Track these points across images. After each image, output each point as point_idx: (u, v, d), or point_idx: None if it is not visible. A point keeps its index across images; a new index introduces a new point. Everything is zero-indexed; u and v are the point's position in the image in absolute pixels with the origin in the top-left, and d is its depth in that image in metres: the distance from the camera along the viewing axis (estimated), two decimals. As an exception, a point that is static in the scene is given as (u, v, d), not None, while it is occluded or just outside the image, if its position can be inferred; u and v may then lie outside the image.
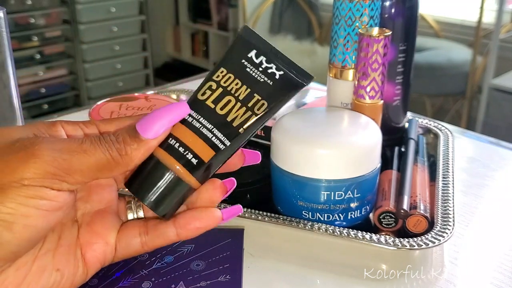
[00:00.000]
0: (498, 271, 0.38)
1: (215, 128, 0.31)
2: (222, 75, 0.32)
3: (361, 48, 0.42)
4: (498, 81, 1.63)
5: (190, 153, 0.31)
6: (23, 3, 1.97)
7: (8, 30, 0.42)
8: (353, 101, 0.45)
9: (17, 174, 0.26)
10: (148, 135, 0.29)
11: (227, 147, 0.31)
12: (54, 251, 0.30)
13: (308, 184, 0.40)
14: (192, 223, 0.32)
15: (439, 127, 0.57)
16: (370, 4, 0.44)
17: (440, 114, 1.96)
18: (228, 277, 0.35)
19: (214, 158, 0.31)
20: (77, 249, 0.31)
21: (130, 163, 0.29)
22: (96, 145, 0.28)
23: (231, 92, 0.32)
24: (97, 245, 0.32)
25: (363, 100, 0.44)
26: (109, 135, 0.29)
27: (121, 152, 0.29)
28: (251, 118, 0.32)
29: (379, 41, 0.42)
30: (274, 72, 0.32)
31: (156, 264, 0.36)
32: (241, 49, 0.33)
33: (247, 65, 0.32)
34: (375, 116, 0.44)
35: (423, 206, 0.41)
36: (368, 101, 0.44)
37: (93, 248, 0.31)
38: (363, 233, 0.39)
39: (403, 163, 0.47)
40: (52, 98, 2.13)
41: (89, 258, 0.31)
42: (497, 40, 1.60)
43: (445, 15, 2.11)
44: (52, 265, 0.30)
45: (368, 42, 0.42)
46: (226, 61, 0.33)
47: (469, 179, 0.51)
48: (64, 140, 0.28)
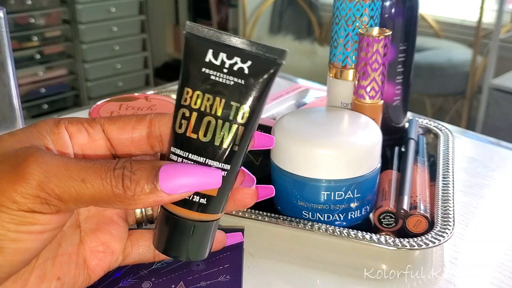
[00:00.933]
0: (498, 271, 0.38)
1: (208, 159, 0.28)
2: (189, 96, 0.28)
3: (361, 48, 0.42)
4: (498, 81, 1.63)
5: (197, 196, 0.28)
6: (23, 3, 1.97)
7: (8, 30, 0.42)
8: (353, 101, 0.45)
9: (6, 197, 0.24)
10: (165, 187, 0.26)
11: (229, 171, 0.29)
12: (53, 260, 0.29)
13: (308, 184, 0.40)
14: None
15: (439, 127, 0.57)
16: (370, 4, 0.44)
17: (440, 114, 1.96)
18: (228, 277, 0.35)
19: (222, 188, 0.29)
20: (79, 257, 0.30)
21: (132, 204, 0.26)
22: (98, 175, 0.25)
23: (207, 111, 0.28)
24: (103, 254, 0.31)
25: (363, 100, 0.44)
26: (125, 167, 0.26)
27: (128, 192, 0.26)
28: (239, 131, 0.28)
29: (379, 41, 0.42)
30: (241, 67, 0.28)
31: (156, 264, 0.36)
32: (195, 55, 0.28)
33: (209, 72, 0.28)
34: (375, 116, 0.44)
35: (423, 206, 0.41)
36: (368, 101, 0.44)
37: (98, 256, 0.31)
38: (363, 233, 0.39)
39: (403, 163, 0.47)
40: (52, 98, 2.13)
41: (94, 266, 0.31)
42: (497, 40, 1.60)
43: (445, 15, 2.11)
44: (51, 273, 0.28)
45: (368, 42, 0.42)
46: (186, 78, 0.28)
47: (469, 179, 0.51)
48: (61, 163, 0.26)
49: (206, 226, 0.30)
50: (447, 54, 1.85)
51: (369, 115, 0.43)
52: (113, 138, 0.30)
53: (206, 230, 0.30)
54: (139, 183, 0.26)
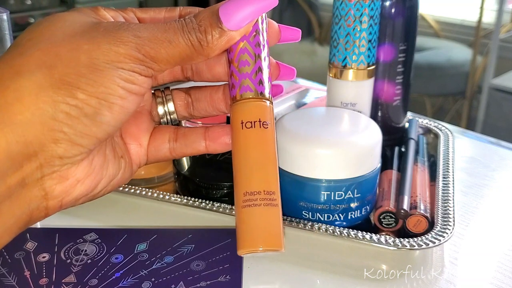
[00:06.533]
0: (498, 271, 0.38)
1: None
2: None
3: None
4: (498, 81, 1.63)
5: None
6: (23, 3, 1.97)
7: (11, 32, 0.42)
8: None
9: (110, 56, 0.26)
10: (230, 26, 0.28)
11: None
12: (113, 139, 0.30)
13: (308, 184, 0.40)
14: (222, 137, 0.32)
15: (439, 127, 0.57)
16: (370, 4, 0.44)
17: (440, 114, 1.96)
18: (228, 277, 0.35)
19: None
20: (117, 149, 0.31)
21: (211, 53, 0.28)
22: (179, 34, 0.27)
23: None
24: (132, 146, 0.32)
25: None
26: (191, 21, 0.28)
27: (202, 43, 0.28)
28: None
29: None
30: None
31: (156, 264, 0.36)
32: None
33: None
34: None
35: (423, 206, 0.41)
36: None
37: (128, 148, 0.31)
38: (363, 233, 0.39)
39: (403, 163, 0.47)
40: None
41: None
42: (497, 40, 1.60)
43: (445, 15, 2.11)
44: (119, 150, 0.30)
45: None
46: None
47: (469, 179, 0.51)
48: (147, 28, 0.27)
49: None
50: (447, 54, 1.85)
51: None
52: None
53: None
54: (208, 32, 0.28)
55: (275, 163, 0.29)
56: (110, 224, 0.42)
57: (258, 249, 0.28)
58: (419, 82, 1.76)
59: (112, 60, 0.26)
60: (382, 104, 0.51)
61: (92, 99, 0.25)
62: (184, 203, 0.43)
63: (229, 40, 0.28)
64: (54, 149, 0.25)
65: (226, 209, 0.42)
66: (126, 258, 0.37)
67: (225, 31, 0.28)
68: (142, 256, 0.37)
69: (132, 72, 0.26)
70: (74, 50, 0.25)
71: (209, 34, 0.28)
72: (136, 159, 0.32)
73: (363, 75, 0.46)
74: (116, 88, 0.26)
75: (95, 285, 0.34)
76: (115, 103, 0.26)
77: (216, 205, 0.42)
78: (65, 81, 0.25)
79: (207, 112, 0.34)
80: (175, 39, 0.27)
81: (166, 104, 0.33)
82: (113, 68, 0.26)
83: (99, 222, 0.42)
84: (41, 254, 0.37)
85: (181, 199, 0.43)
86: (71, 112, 0.25)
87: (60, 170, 0.26)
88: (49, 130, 0.25)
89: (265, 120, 0.29)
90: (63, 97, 0.25)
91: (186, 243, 0.39)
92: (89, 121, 0.25)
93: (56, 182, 0.26)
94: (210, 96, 0.33)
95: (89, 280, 0.35)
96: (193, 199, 0.43)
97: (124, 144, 0.31)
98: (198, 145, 0.32)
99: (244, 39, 0.29)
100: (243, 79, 0.30)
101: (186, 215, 0.43)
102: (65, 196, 0.27)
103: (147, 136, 0.32)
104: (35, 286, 0.34)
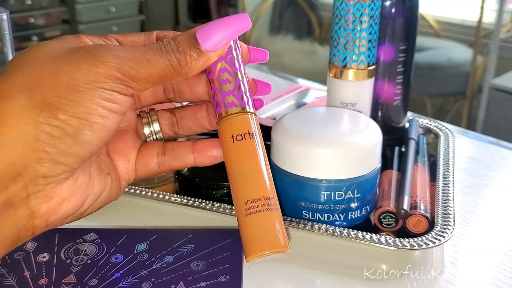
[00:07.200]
0: (498, 271, 0.38)
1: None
2: None
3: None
4: (498, 81, 1.63)
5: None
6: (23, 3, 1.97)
7: (11, 32, 0.42)
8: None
9: (90, 77, 0.26)
10: (207, 47, 0.29)
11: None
12: (100, 156, 0.31)
13: (308, 184, 0.40)
14: (210, 150, 0.32)
15: (439, 127, 0.57)
16: (370, 4, 0.44)
17: (441, 114, 1.96)
18: (228, 277, 0.35)
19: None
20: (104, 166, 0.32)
21: (189, 72, 0.29)
22: (158, 55, 0.28)
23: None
24: (120, 162, 0.32)
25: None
26: (169, 43, 0.29)
27: (181, 63, 0.29)
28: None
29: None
30: None
31: (156, 264, 0.36)
32: None
33: None
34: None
35: (423, 206, 0.41)
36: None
37: (116, 165, 0.32)
38: (363, 233, 0.39)
39: (403, 163, 0.47)
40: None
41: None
42: (497, 40, 1.60)
43: (445, 15, 2.11)
44: (105, 167, 0.31)
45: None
46: None
47: (469, 179, 0.51)
48: (127, 49, 0.28)
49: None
50: (447, 54, 1.85)
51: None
52: None
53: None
54: (186, 52, 0.29)
55: (268, 169, 0.30)
56: (110, 224, 0.42)
57: (265, 253, 0.28)
58: (419, 82, 1.76)
59: (92, 81, 0.26)
60: (382, 104, 0.51)
61: (73, 119, 0.26)
62: (184, 203, 0.43)
63: (207, 60, 0.30)
64: (38, 169, 0.25)
65: (226, 209, 0.42)
66: (126, 258, 0.37)
67: (203, 52, 0.29)
68: (142, 256, 0.37)
69: (112, 91, 0.27)
70: (56, 73, 0.26)
71: (188, 54, 0.29)
72: (124, 175, 0.32)
73: (363, 75, 0.46)
74: (96, 108, 0.27)
75: (95, 285, 0.34)
76: (96, 122, 0.27)
77: (216, 205, 0.42)
78: (47, 103, 0.25)
79: (192, 130, 0.34)
80: (154, 59, 0.28)
81: (152, 125, 0.34)
82: (93, 89, 0.26)
83: (99, 222, 0.42)
84: (41, 254, 0.37)
85: (181, 199, 0.43)
86: (53, 133, 0.25)
87: (45, 189, 0.26)
88: (32, 150, 0.25)
89: (252, 132, 0.30)
90: (45, 118, 0.25)
91: (186, 243, 0.39)
92: (71, 141, 0.26)
93: (42, 201, 0.26)
94: (194, 115, 0.34)
95: (89, 280, 0.35)
96: (193, 199, 0.43)
97: (111, 161, 0.32)
98: (186, 158, 0.33)
99: (221, 60, 0.31)
100: (226, 96, 0.31)
101: (186, 215, 0.43)
102: (51, 215, 0.27)
103: (134, 152, 0.33)
104: (35, 286, 0.34)
